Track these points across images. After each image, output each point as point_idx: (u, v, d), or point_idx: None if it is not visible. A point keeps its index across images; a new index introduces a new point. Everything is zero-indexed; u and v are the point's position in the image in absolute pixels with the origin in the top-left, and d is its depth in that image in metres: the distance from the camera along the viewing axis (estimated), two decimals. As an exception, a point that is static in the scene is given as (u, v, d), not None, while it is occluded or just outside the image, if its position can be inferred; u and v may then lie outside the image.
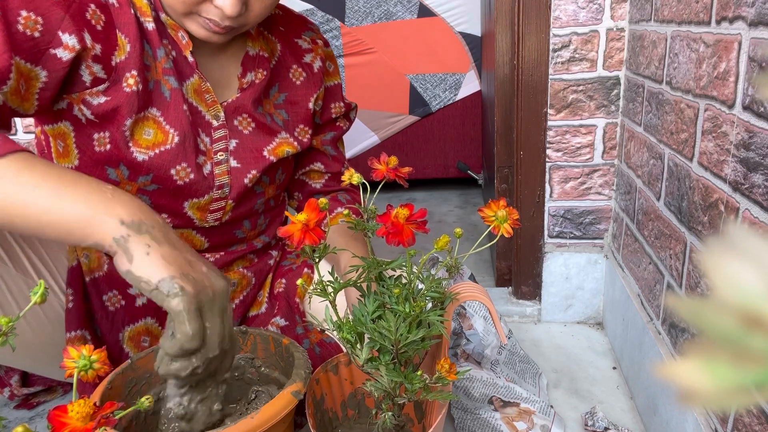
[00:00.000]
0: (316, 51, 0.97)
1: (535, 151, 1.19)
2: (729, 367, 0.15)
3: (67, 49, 0.72)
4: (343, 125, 1.04)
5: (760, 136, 0.58)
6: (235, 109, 0.87)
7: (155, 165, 0.80)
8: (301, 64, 0.96)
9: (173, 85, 0.81)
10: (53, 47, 0.72)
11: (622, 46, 1.09)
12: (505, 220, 0.59)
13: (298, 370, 0.72)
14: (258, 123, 0.89)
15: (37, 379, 1.01)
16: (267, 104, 0.92)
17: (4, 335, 0.50)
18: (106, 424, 0.50)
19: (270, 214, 1.00)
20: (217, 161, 0.86)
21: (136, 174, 0.81)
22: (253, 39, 0.90)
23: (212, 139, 0.86)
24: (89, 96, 0.77)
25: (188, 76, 0.83)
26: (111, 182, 0.81)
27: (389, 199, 2.28)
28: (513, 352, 1.13)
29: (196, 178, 0.83)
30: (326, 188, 1.04)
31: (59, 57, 0.72)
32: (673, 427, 0.81)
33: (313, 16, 2.12)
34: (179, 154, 0.81)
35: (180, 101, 0.81)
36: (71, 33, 0.72)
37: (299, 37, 0.97)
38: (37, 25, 0.70)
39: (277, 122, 0.92)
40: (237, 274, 0.97)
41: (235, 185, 0.88)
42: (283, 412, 0.65)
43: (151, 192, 0.83)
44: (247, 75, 0.88)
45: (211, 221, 0.89)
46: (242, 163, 0.88)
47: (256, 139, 0.89)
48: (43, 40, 0.71)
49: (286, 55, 0.95)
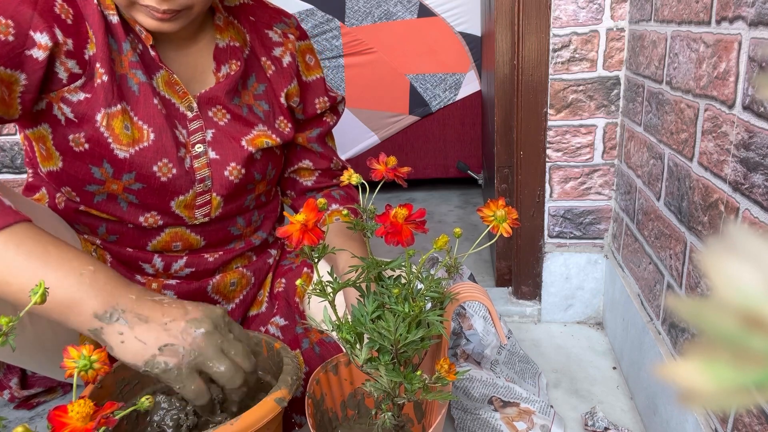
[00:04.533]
0: (286, 45, 0.94)
1: (535, 151, 1.19)
2: (729, 367, 0.15)
3: (41, 48, 0.72)
4: (329, 120, 1.01)
5: (760, 136, 0.58)
6: (208, 100, 0.86)
7: (137, 163, 0.80)
8: (270, 57, 0.93)
9: (141, 78, 0.80)
10: (28, 48, 0.71)
11: (622, 46, 1.09)
12: (504, 220, 0.59)
13: (285, 376, 0.70)
14: (233, 114, 0.88)
15: (36, 380, 1.01)
16: (246, 95, 0.90)
17: (4, 335, 0.50)
18: (106, 424, 0.50)
19: (263, 210, 1.00)
20: (195, 154, 0.85)
21: (120, 172, 0.80)
22: (221, 30, 0.88)
23: (189, 131, 0.85)
24: (68, 93, 0.76)
25: (156, 69, 0.82)
26: (96, 182, 0.81)
27: (389, 199, 2.28)
28: (513, 352, 1.13)
29: (179, 173, 0.83)
30: (318, 185, 1.03)
31: (35, 57, 0.72)
32: (673, 427, 0.81)
33: (313, 16, 2.12)
34: (158, 150, 0.81)
35: (150, 95, 0.80)
36: (42, 31, 0.72)
37: (270, 29, 0.94)
38: (9, 29, 0.70)
39: (256, 113, 0.90)
40: (236, 273, 0.97)
41: (216, 177, 0.86)
42: (264, 419, 0.63)
43: (137, 191, 0.83)
44: (222, 68, 0.87)
45: (200, 218, 0.88)
46: (221, 154, 0.86)
47: (232, 130, 0.87)
48: (17, 43, 0.70)
49: (256, 46, 0.92)
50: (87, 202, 0.84)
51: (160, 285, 0.92)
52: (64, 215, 0.88)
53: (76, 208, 0.86)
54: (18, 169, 1.51)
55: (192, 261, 0.92)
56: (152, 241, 0.89)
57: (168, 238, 0.89)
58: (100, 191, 0.83)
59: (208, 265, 0.94)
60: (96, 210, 0.85)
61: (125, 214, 0.85)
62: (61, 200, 0.87)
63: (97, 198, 0.84)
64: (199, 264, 0.93)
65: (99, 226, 0.88)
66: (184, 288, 0.93)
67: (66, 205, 0.87)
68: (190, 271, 0.93)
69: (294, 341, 0.92)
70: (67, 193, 0.84)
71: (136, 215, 0.85)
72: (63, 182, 0.83)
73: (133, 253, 0.90)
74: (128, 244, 0.89)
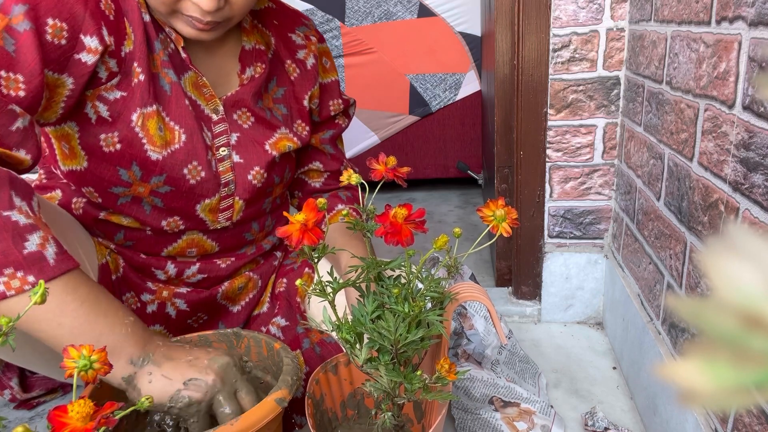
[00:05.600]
0: (309, 48, 0.95)
1: (535, 151, 1.19)
2: (729, 367, 0.15)
3: (90, 53, 0.70)
4: (342, 122, 1.02)
5: (760, 136, 0.58)
6: (234, 103, 0.85)
7: (168, 165, 0.79)
8: (295, 60, 0.93)
9: (172, 78, 0.79)
10: (77, 52, 0.70)
11: (622, 46, 1.09)
12: (503, 220, 0.59)
13: (285, 376, 0.70)
14: (258, 117, 0.88)
15: (36, 382, 1.01)
16: (266, 99, 0.90)
17: (4, 335, 0.50)
18: (106, 424, 0.50)
19: (276, 213, 1.00)
20: (220, 157, 0.84)
21: (149, 175, 0.79)
22: (247, 33, 0.88)
23: (213, 134, 0.84)
24: (105, 92, 0.75)
25: (185, 70, 0.81)
26: (123, 184, 0.79)
27: (389, 199, 2.28)
28: (513, 352, 1.13)
29: (207, 176, 0.82)
30: (326, 187, 1.03)
31: (84, 61, 0.70)
32: (673, 427, 0.81)
33: (313, 16, 2.12)
34: (189, 152, 0.80)
35: (181, 96, 0.79)
36: (92, 35, 0.70)
37: (293, 32, 0.94)
38: (63, 32, 0.68)
39: (276, 117, 0.90)
40: (244, 277, 0.97)
41: (240, 182, 0.86)
42: (265, 419, 0.64)
43: (163, 194, 0.82)
44: (247, 71, 0.87)
45: (222, 221, 0.88)
46: (245, 158, 0.86)
47: (256, 133, 0.87)
48: (69, 46, 0.69)
49: (281, 49, 0.92)
50: (110, 204, 0.83)
51: (171, 293, 0.91)
52: (82, 222, 0.86)
53: (96, 216, 0.85)
54: (18, 169, 1.51)
55: (204, 267, 0.92)
56: (168, 247, 0.89)
57: (184, 245, 0.89)
58: (125, 194, 0.82)
59: (220, 272, 0.94)
60: (118, 212, 0.84)
61: (148, 217, 0.84)
62: (78, 205, 0.85)
63: (121, 200, 0.83)
64: (212, 270, 0.93)
65: (117, 232, 0.87)
66: (194, 297, 0.92)
67: (84, 211, 0.85)
68: (202, 278, 0.93)
69: (295, 341, 0.92)
70: (89, 193, 0.83)
71: (159, 219, 0.85)
72: (86, 182, 0.81)
73: (147, 259, 0.89)
74: (143, 249, 0.89)
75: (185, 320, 0.94)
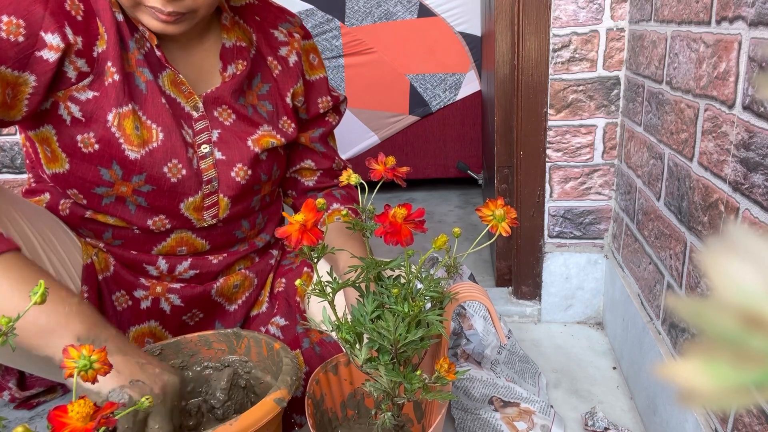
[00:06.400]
0: (292, 44, 0.94)
1: (535, 151, 1.19)
2: (729, 367, 0.15)
3: (52, 50, 0.71)
4: (332, 120, 1.01)
5: (760, 136, 0.58)
6: (213, 100, 0.85)
7: (147, 164, 0.79)
8: (277, 57, 0.93)
9: (148, 77, 0.79)
10: (38, 50, 0.70)
11: (622, 46, 1.09)
12: (502, 219, 0.59)
13: (285, 376, 0.70)
14: (239, 114, 0.87)
15: (35, 381, 1.01)
16: (250, 95, 0.90)
17: (3, 335, 0.50)
18: (106, 424, 0.50)
19: (267, 211, 0.99)
20: (201, 155, 0.84)
21: (130, 174, 0.80)
22: (227, 30, 0.87)
23: (195, 131, 0.84)
24: (76, 92, 0.75)
25: (161, 68, 0.81)
26: (105, 184, 0.80)
27: (389, 199, 2.28)
28: (513, 352, 1.13)
29: (188, 174, 0.82)
30: (319, 185, 1.03)
31: (45, 59, 0.71)
32: (673, 427, 0.81)
33: (313, 16, 2.12)
34: (168, 150, 0.80)
35: (157, 94, 0.79)
36: (53, 32, 0.70)
37: (275, 29, 0.93)
38: (20, 29, 0.68)
39: (261, 113, 0.90)
40: (239, 275, 0.97)
41: (223, 179, 0.86)
42: (264, 419, 0.63)
43: (146, 193, 0.82)
44: (228, 68, 0.86)
45: (208, 219, 0.88)
46: (227, 155, 0.86)
47: (238, 130, 0.87)
48: (28, 43, 0.69)
49: (263, 46, 0.92)
50: (94, 205, 0.84)
51: (165, 288, 0.91)
52: (69, 222, 0.87)
53: (82, 215, 0.85)
54: (18, 169, 1.51)
55: (196, 263, 0.92)
56: (157, 246, 0.89)
57: (173, 243, 0.89)
58: (109, 193, 0.82)
59: (212, 267, 0.93)
60: (103, 213, 0.85)
61: (133, 217, 0.85)
62: (65, 206, 0.86)
63: (105, 201, 0.83)
64: (203, 266, 0.93)
65: (105, 231, 0.87)
66: (188, 292, 0.92)
67: (71, 211, 0.86)
68: (194, 273, 0.93)
69: (294, 341, 0.92)
70: (74, 195, 0.83)
71: (144, 218, 0.85)
72: (70, 184, 0.82)
73: (138, 256, 0.89)
74: (133, 248, 0.89)
75: (180, 316, 0.94)
